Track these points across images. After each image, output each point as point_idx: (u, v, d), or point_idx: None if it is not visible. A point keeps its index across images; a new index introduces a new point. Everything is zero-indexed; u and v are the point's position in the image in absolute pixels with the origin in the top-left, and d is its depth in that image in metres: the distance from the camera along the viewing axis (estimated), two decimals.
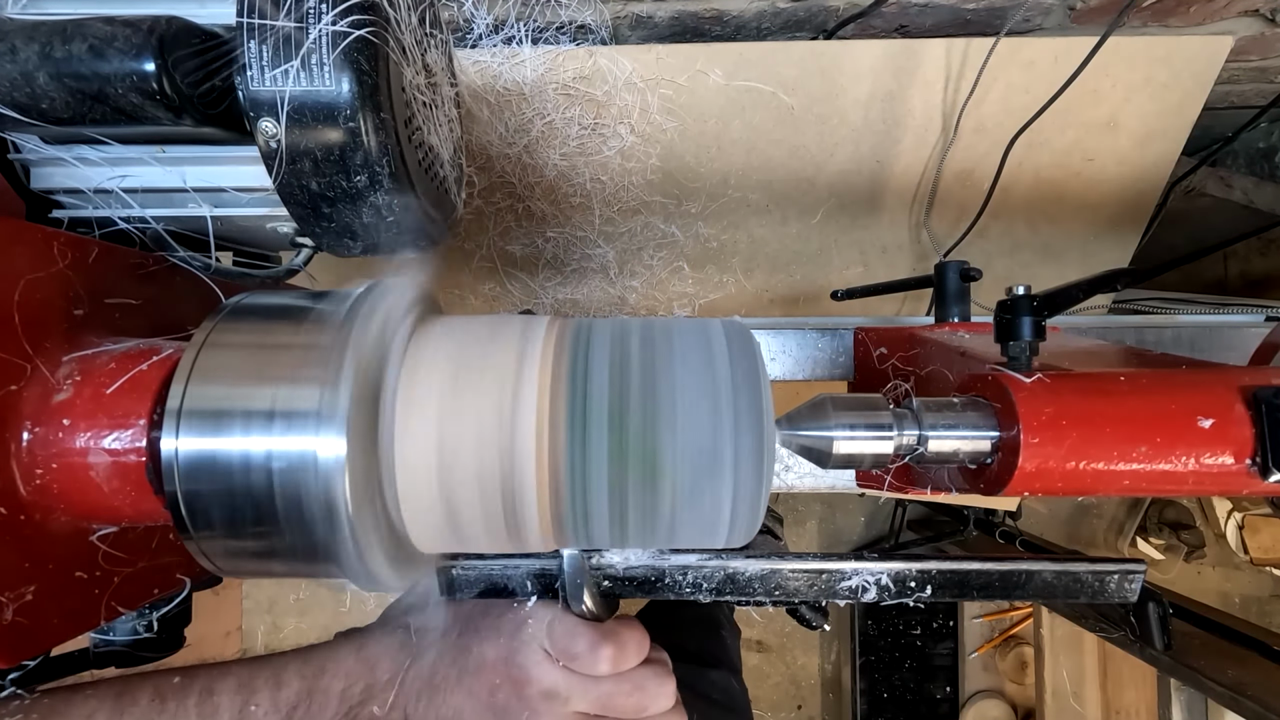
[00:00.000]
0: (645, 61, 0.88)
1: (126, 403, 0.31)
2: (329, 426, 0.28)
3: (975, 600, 0.49)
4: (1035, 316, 0.37)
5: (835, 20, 0.91)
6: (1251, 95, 1.15)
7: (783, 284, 1.04)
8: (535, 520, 0.32)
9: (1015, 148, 0.89)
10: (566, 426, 0.31)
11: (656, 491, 0.31)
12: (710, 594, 0.39)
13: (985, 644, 1.58)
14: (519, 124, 0.90)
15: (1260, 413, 0.33)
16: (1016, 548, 1.24)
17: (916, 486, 0.48)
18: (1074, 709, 1.21)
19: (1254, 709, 0.69)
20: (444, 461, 0.30)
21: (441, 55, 0.45)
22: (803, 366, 0.64)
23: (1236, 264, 1.44)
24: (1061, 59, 0.87)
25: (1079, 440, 0.34)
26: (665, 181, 0.96)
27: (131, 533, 0.35)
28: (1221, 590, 1.60)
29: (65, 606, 0.32)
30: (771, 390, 0.33)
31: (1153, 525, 1.57)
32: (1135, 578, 0.39)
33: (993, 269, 1.02)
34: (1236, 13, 0.89)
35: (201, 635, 1.37)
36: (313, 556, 0.30)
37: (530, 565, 0.39)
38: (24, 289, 0.31)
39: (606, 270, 1.02)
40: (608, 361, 0.33)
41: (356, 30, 0.34)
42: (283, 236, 0.43)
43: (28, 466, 0.30)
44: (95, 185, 0.38)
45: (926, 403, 0.37)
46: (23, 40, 0.32)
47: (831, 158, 0.95)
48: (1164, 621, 0.70)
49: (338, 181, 0.36)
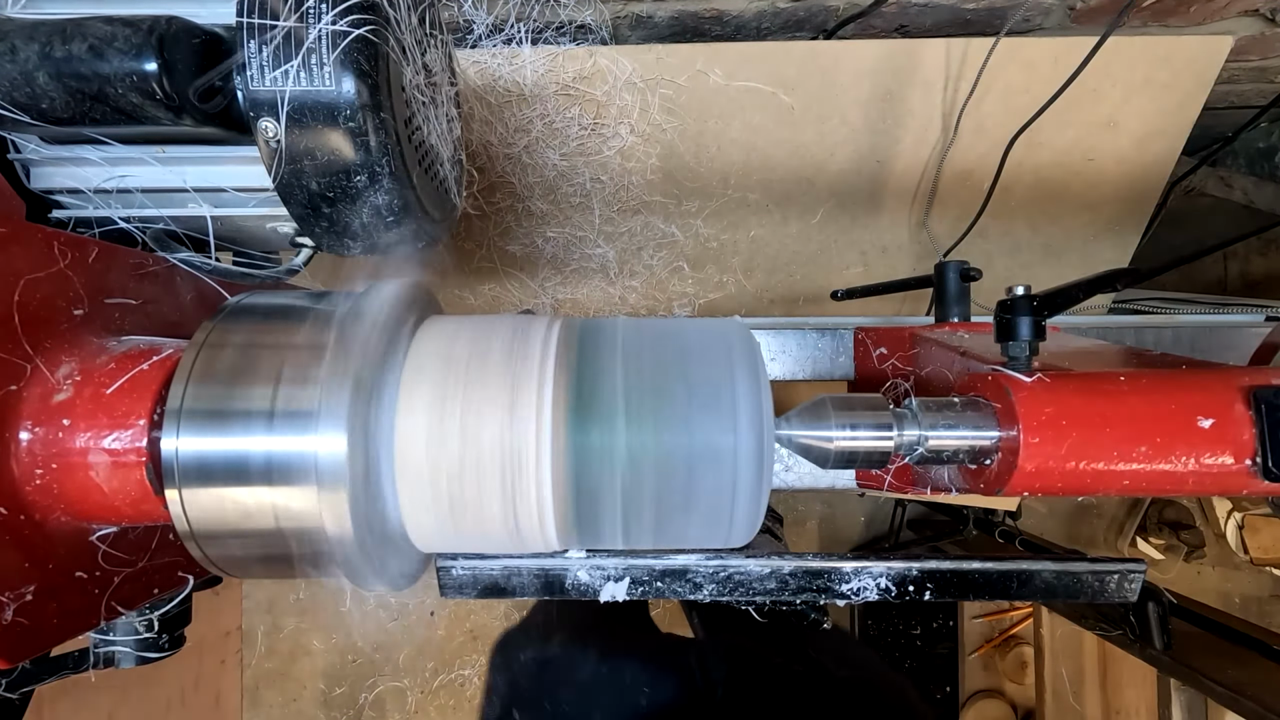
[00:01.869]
0: (645, 61, 0.88)
1: (127, 403, 0.31)
2: (329, 426, 0.28)
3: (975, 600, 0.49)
4: (1035, 316, 0.37)
5: (835, 20, 0.91)
6: (1251, 95, 1.15)
7: (783, 284, 1.04)
8: (537, 520, 0.32)
9: (1015, 148, 0.89)
10: (567, 426, 0.31)
11: (657, 491, 0.31)
12: (710, 594, 0.39)
13: (985, 644, 1.58)
14: (519, 124, 0.90)
15: (1260, 413, 0.33)
16: (1016, 548, 1.24)
17: (916, 486, 0.48)
18: (1074, 709, 1.21)
19: (1254, 709, 0.69)
20: (444, 461, 0.30)
21: (441, 55, 0.45)
22: (803, 366, 0.64)
23: (1236, 264, 1.44)
24: (1061, 59, 0.87)
25: (1079, 440, 0.34)
26: (665, 181, 0.96)
27: (131, 533, 0.35)
28: (1221, 590, 1.60)
29: (65, 606, 0.32)
30: (771, 390, 0.33)
31: (1153, 525, 1.57)
32: (1135, 577, 0.39)
33: (993, 269, 1.02)
34: (1236, 13, 0.89)
35: (201, 635, 1.37)
36: (312, 557, 0.30)
37: (531, 565, 0.39)
38: (24, 289, 0.31)
39: (606, 270, 1.02)
40: (608, 362, 0.33)
41: (357, 30, 0.34)
42: (283, 236, 0.43)
43: (28, 466, 0.30)
44: (95, 185, 0.38)
45: (926, 403, 0.37)
46: (23, 40, 0.32)
47: (831, 158, 0.95)
48: (1164, 621, 0.70)
49: (338, 181, 0.36)
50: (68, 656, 0.40)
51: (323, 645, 1.46)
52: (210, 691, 1.37)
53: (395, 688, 1.46)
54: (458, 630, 1.47)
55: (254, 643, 1.46)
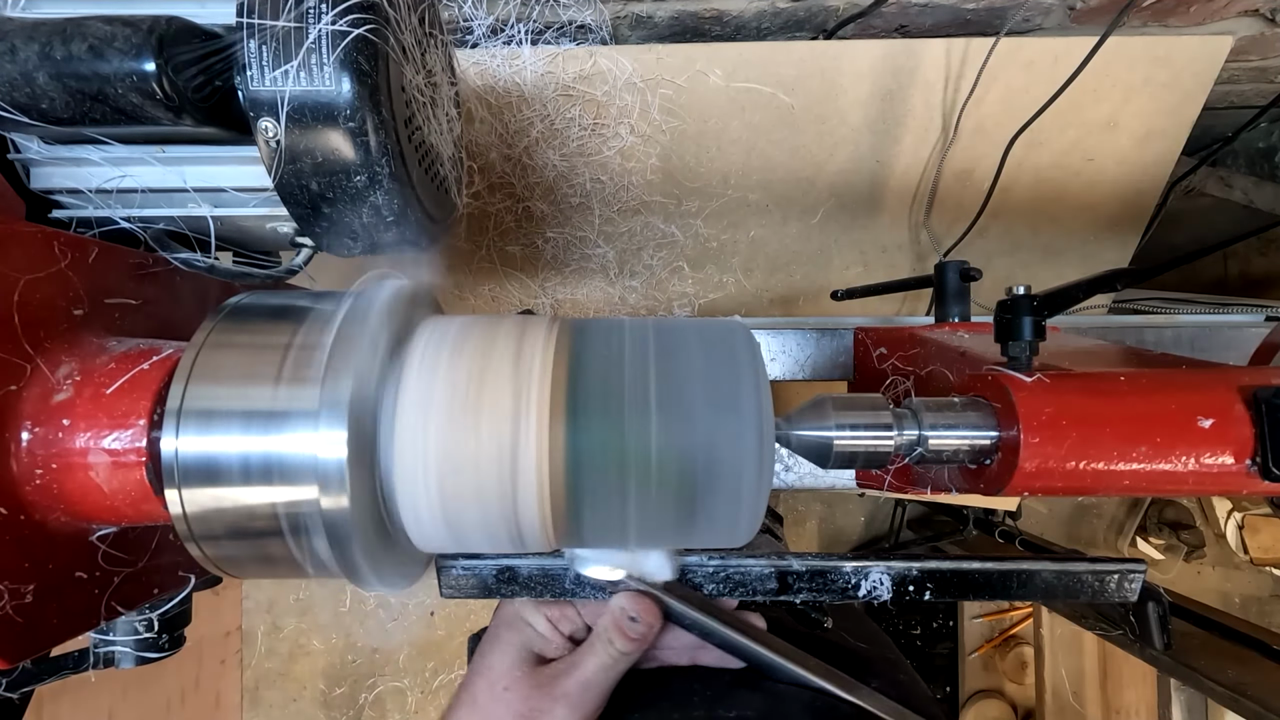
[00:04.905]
0: (645, 61, 0.88)
1: (126, 403, 0.31)
2: (329, 427, 0.28)
3: (975, 600, 0.49)
4: (1035, 316, 0.37)
5: (835, 20, 0.91)
6: (1251, 95, 1.16)
7: (783, 284, 1.04)
8: (536, 521, 0.32)
9: (1015, 148, 0.89)
10: (567, 426, 0.31)
11: (657, 492, 0.31)
12: (711, 594, 0.39)
13: (985, 644, 1.58)
14: (519, 125, 0.90)
15: (1260, 413, 0.33)
16: (1016, 548, 1.24)
17: (916, 486, 0.48)
18: (1074, 709, 1.21)
19: (1254, 709, 0.69)
20: (445, 461, 0.30)
21: (441, 55, 0.45)
22: (803, 366, 0.64)
23: (1236, 264, 1.44)
24: (1061, 59, 0.87)
25: (1079, 440, 0.34)
26: (665, 181, 0.96)
27: (131, 533, 0.35)
28: (1221, 590, 1.60)
29: (65, 606, 0.32)
30: (771, 390, 0.33)
31: (1153, 525, 1.57)
32: (1135, 577, 0.39)
33: (993, 269, 1.02)
34: (1236, 13, 0.89)
35: (201, 635, 1.37)
36: (313, 558, 0.30)
37: (531, 565, 0.39)
38: (24, 289, 0.31)
39: (606, 270, 1.02)
40: (608, 361, 0.33)
41: (356, 30, 0.34)
42: (283, 236, 0.43)
43: (28, 466, 0.30)
44: (95, 185, 0.38)
45: (926, 402, 0.37)
46: (23, 40, 0.32)
47: (831, 158, 0.95)
48: (1164, 621, 0.70)
49: (338, 181, 0.36)
50: (68, 656, 0.40)
51: (323, 645, 1.46)
52: (210, 691, 1.37)
53: (395, 688, 1.46)
54: (458, 630, 1.47)
55: (254, 643, 1.46)
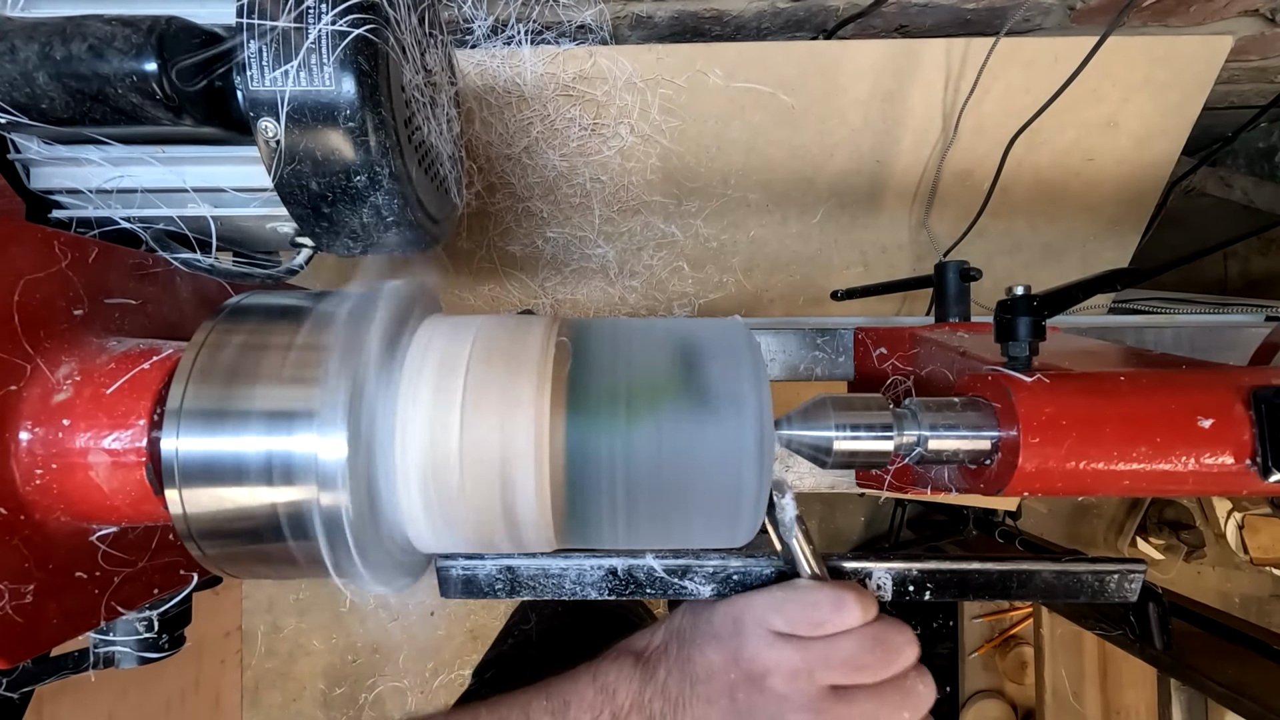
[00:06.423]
0: (645, 61, 0.88)
1: (126, 403, 0.31)
2: (329, 427, 0.28)
3: (975, 600, 0.49)
4: (1035, 316, 0.37)
5: (835, 20, 0.91)
6: (1251, 95, 1.15)
7: (783, 284, 1.04)
8: (537, 520, 0.32)
9: (1015, 148, 0.88)
10: (567, 426, 0.31)
11: (657, 491, 0.31)
12: (711, 594, 0.39)
13: (985, 644, 1.58)
14: (519, 125, 0.90)
15: (1260, 413, 0.33)
16: (1016, 548, 1.24)
17: (916, 486, 0.48)
18: (1074, 709, 1.21)
19: (1254, 709, 0.69)
20: (444, 461, 0.30)
21: (441, 55, 0.45)
22: (803, 366, 0.64)
23: (1236, 264, 1.44)
24: (1061, 59, 0.87)
25: (1079, 440, 0.34)
26: (665, 181, 0.96)
27: (131, 533, 0.35)
28: (1221, 590, 1.60)
29: (65, 606, 0.32)
30: (771, 390, 0.33)
31: (1153, 525, 1.57)
32: (1135, 577, 0.39)
33: (993, 269, 1.02)
34: (1236, 13, 0.89)
35: (201, 635, 1.37)
36: (313, 558, 0.30)
37: (531, 564, 0.39)
38: (24, 289, 0.31)
39: (606, 270, 1.02)
40: (608, 361, 0.33)
41: (356, 30, 0.34)
42: (283, 236, 0.43)
43: (28, 466, 0.30)
44: (95, 185, 0.38)
45: (926, 403, 0.37)
46: (23, 40, 0.32)
47: (831, 158, 0.95)
48: (1164, 621, 0.70)
49: (338, 181, 0.36)
50: (68, 656, 0.40)
51: (323, 645, 1.47)
52: (210, 691, 1.37)
53: (395, 688, 1.46)
54: (458, 630, 1.47)
55: (254, 643, 1.46)
